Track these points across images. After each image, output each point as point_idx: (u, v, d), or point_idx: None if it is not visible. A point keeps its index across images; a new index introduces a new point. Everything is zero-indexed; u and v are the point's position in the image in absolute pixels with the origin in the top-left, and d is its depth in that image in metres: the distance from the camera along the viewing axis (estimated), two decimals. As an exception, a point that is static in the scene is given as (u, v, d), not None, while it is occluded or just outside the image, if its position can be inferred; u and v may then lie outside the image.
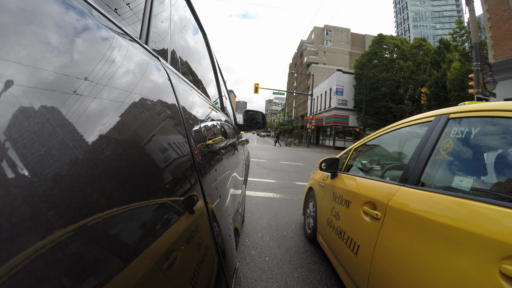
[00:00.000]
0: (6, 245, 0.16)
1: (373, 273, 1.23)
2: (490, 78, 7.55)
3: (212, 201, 0.63)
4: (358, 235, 1.44)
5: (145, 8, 0.58)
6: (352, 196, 1.65)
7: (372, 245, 1.26)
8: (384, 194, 1.29)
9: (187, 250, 0.43)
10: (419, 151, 1.24)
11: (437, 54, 17.87)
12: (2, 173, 0.17)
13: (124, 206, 0.28)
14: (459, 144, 1.09)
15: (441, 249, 0.88)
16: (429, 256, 0.91)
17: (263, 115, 2.38)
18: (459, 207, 0.89)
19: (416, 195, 1.10)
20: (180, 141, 0.50)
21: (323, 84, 29.64)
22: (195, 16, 1.19)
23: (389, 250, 1.13)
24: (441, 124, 1.21)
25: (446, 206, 0.93)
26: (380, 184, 1.41)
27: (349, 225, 1.61)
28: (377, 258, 1.21)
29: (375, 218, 1.30)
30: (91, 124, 0.26)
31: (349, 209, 1.64)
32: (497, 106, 0.98)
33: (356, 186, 1.66)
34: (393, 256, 1.10)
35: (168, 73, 0.56)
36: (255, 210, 3.63)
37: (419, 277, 0.93)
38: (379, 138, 1.81)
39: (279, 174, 6.98)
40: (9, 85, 0.18)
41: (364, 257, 1.33)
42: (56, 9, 0.26)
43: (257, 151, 14.76)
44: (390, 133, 1.68)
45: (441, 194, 0.99)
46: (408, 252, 1.02)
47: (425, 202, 1.03)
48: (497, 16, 9.50)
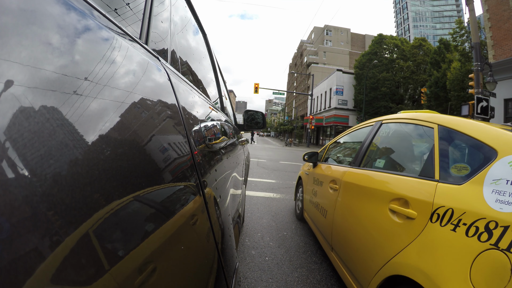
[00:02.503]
0: (6, 245, 0.16)
1: (334, 227, 1.85)
2: (490, 78, 7.55)
3: (212, 201, 0.63)
4: (326, 204, 2.11)
5: (145, 8, 0.58)
6: (323, 178, 2.33)
7: (333, 208, 1.91)
8: (340, 174, 1.95)
9: (187, 250, 0.43)
10: (362, 144, 1.89)
11: (437, 54, 17.87)
12: (2, 173, 0.17)
13: (124, 206, 0.28)
14: (382, 139, 1.76)
15: (364, 202, 1.48)
16: (360, 207, 1.52)
17: (263, 115, 2.38)
18: (374, 177, 1.52)
19: (357, 172, 1.74)
20: (180, 141, 0.50)
21: (323, 84, 29.65)
22: (195, 16, 1.19)
23: (342, 209, 1.78)
24: (376, 126, 1.84)
25: (369, 177, 1.57)
26: (340, 167, 2.07)
27: (321, 198, 2.27)
28: (336, 216, 1.85)
29: (335, 190, 1.94)
30: (91, 124, 0.26)
31: (322, 187, 2.31)
32: (404, 115, 1.61)
33: (326, 170, 2.36)
34: (343, 212, 1.74)
35: (168, 73, 0.56)
36: (255, 210, 3.63)
37: (355, 221, 1.54)
38: (345, 137, 2.51)
39: (279, 174, 6.98)
40: (10, 85, 0.18)
41: (329, 218, 1.97)
42: (57, 9, 0.26)
43: (257, 151, 14.77)
44: (351, 133, 2.36)
45: (368, 170, 1.64)
46: (350, 207, 1.65)
47: (360, 176, 1.66)
48: (497, 16, 9.50)
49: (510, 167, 0.87)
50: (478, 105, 7.13)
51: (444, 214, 0.96)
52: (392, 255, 1.12)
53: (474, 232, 0.85)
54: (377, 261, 1.22)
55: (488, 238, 0.80)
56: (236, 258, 0.89)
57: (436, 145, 1.22)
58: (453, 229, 0.91)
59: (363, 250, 1.39)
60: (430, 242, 0.98)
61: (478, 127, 1.11)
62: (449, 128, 1.22)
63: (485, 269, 0.78)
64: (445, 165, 1.13)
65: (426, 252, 0.97)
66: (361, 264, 1.39)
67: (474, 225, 0.85)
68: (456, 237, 0.89)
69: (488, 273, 0.77)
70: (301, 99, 43.64)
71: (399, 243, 1.10)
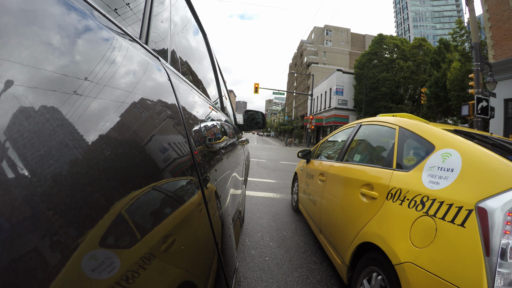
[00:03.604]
0: (6, 245, 0.16)
1: (322, 212, 2.22)
2: (490, 78, 7.54)
3: (212, 201, 0.63)
4: (316, 193, 2.49)
5: (145, 8, 0.58)
6: (314, 172, 2.71)
7: (321, 197, 2.29)
8: (327, 167, 2.34)
9: (187, 250, 0.43)
10: (345, 143, 2.29)
11: (437, 54, 17.84)
12: (2, 173, 0.17)
13: (124, 207, 0.28)
14: (360, 138, 2.15)
15: (343, 189, 1.84)
16: (340, 193, 1.89)
17: (263, 115, 2.38)
18: (351, 169, 1.87)
19: (339, 166, 2.11)
20: (180, 141, 0.50)
21: (323, 84, 29.63)
22: (195, 16, 1.19)
23: (327, 197, 2.15)
24: (356, 127, 2.23)
25: (348, 168, 1.92)
26: (328, 162, 2.47)
27: (312, 189, 2.66)
28: (323, 203, 2.23)
29: (323, 181, 2.33)
30: (91, 124, 0.26)
31: (313, 180, 2.70)
32: (378, 119, 1.97)
33: (317, 165, 2.75)
34: (328, 199, 2.12)
35: (168, 73, 0.56)
36: (255, 210, 3.63)
37: (337, 205, 1.91)
38: (334, 136, 2.87)
39: (279, 174, 6.98)
40: (10, 85, 0.18)
41: (318, 205, 2.37)
42: (57, 9, 0.26)
43: (257, 151, 14.76)
44: (338, 133, 2.72)
45: (348, 164, 2.00)
46: (333, 195, 2.04)
47: (342, 168, 2.02)
48: (497, 16, 9.49)
49: (441, 157, 1.18)
50: (478, 105, 7.12)
51: (395, 193, 1.29)
52: (361, 228, 1.44)
53: (413, 204, 1.15)
54: (351, 234, 1.54)
55: (422, 208, 1.10)
56: (236, 258, 0.89)
57: (396, 142, 1.55)
58: (400, 203, 1.23)
59: (341, 227, 1.73)
60: (385, 214, 1.30)
61: (426, 128, 1.43)
62: (406, 129, 1.54)
63: (419, 230, 1.08)
64: (400, 157, 1.46)
65: (382, 222, 1.29)
66: (340, 238, 1.73)
67: (413, 200, 1.16)
68: (401, 209, 1.21)
69: (421, 232, 1.06)
70: (301, 99, 43.63)
71: (366, 218, 1.42)
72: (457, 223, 0.94)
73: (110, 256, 0.24)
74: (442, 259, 0.95)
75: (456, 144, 1.18)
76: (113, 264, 0.25)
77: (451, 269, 0.91)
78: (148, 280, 0.30)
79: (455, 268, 0.91)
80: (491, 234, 0.86)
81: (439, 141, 1.27)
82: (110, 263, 0.24)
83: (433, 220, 1.03)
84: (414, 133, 1.46)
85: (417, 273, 1.01)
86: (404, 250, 1.09)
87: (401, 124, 1.62)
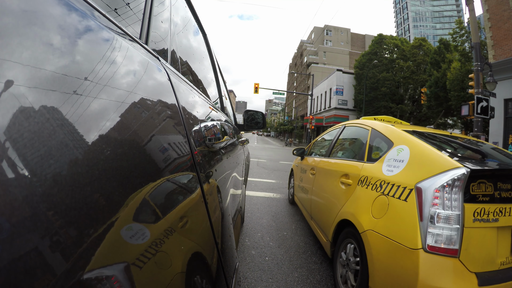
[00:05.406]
0: (6, 245, 0.16)
1: (312, 201, 2.64)
2: (490, 78, 7.54)
3: (212, 201, 0.63)
4: (308, 185, 2.90)
5: (145, 8, 0.58)
6: (307, 167, 3.11)
7: (312, 188, 2.71)
8: (317, 162, 2.76)
9: (187, 250, 0.43)
10: (332, 141, 2.71)
11: (437, 54, 17.82)
12: (2, 173, 0.17)
13: (124, 207, 0.28)
14: (343, 137, 2.55)
15: (328, 179, 2.27)
16: (325, 183, 2.31)
17: (263, 115, 2.38)
18: (335, 163, 2.28)
19: (326, 161, 2.52)
20: (180, 141, 0.50)
21: (323, 84, 29.62)
22: (195, 16, 1.19)
23: (316, 187, 2.56)
24: (341, 129, 2.64)
25: (332, 163, 2.34)
26: (318, 158, 2.87)
27: (305, 182, 3.07)
28: (313, 193, 2.65)
29: (313, 174, 2.75)
30: (91, 124, 0.26)
31: (305, 174, 3.11)
32: (357, 121, 2.41)
33: (309, 161, 3.13)
34: (317, 189, 2.54)
35: (168, 73, 0.56)
36: (255, 210, 3.63)
37: (323, 193, 2.34)
38: (325, 135, 3.24)
39: (279, 174, 6.98)
40: (10, 85, 0.18)
41: (309, 195, 2.78)
42: (57, 10, 0.26)
43: (257, 151, 14.76)
44: (329, 133, 3.09)
45: (333, 159, 2.41)
46: (321, 185, 2.45)
47: (328, 163, 2.45)
48: (497, 16, 9.49)
49: (396, 152, 1.56)
50: (478, 105, 7.12)
51: (364, 180, 1.67)
52: (339, 209, 1.84)
53: (374, 187, 1.54)
54: (333, 215, 1.95)
55: (380, 189, 1.48)
56: (236, 258, 0.89)
57: (368, 140, 1.94)
58: (366, 187, 1.62)
59: (326, 210, 2.16)
60: (356, 196, 1.69)
61: (390, 129, 1.81)
62: (376, 130, 1.93)
63: (377, 205, 1.45)
64: (370, 152, 1.85)
65: (354, 202, 1.68)
66: (325, 220, 2.14)
67: (375, 184, 1.55)
68: (366, 191, 1.60)
69: (378, 207, 1.43)
70: (301, 99, 43.62)
71: (343, 201, 1.82)
72: (402, 199, 1.30)
73: (110, 256, 0.24)
74: (392, 225, 1.31)
75: (408, 141, 1.56)
76: (113, 263, 0.25)
77: (398, 232, 1.26)
78: (148, 280, 0.30)
79: (400, 231, 1.25)
80: (424, 205, 1.20)
81: (397, 139, 1.65)
82: (110, 263, 0.24)
83: (387, 197, 1.40)
84: (381, 133, 1.85)
85: (376, 237, 1.37)
86: (367, 221, 1.47)
87: (373, 126, 2.01)
